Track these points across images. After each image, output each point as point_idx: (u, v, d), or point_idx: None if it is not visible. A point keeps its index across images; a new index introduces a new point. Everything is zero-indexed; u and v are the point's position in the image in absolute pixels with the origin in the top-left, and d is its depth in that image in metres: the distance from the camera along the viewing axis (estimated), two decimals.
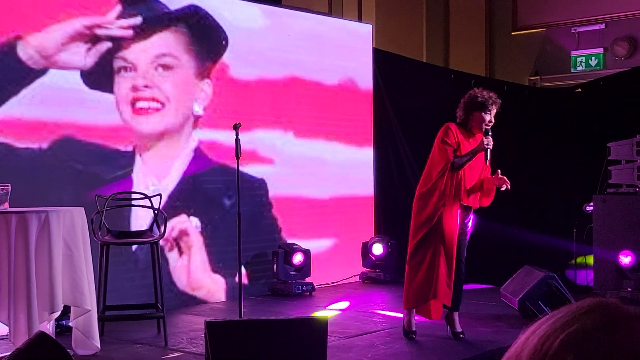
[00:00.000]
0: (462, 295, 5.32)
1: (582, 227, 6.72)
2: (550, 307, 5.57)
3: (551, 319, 0.78)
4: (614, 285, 6.39)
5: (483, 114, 5.15)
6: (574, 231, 6.74)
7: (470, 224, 5.32)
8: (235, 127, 5.33)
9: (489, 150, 5.09)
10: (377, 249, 7.90)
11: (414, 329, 5.28)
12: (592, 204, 6.68)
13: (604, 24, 8.33)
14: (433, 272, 5.11)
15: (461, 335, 5.23)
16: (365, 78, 8.46)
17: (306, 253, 7.23)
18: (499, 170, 5.16)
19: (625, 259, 6.26)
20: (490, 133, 5.12)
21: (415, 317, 5.33)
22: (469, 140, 5.20)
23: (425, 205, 5.16)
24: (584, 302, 0.79)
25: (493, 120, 5.20)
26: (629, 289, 6.29)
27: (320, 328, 3.87)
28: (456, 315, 5.29)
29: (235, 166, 5.36)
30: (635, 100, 7.56)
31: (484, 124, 5.14)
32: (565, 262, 6.74)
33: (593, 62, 8.40)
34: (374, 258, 7.93)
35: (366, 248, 8.00)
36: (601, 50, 8.36)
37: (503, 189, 5.13)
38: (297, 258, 7.13)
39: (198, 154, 6.81)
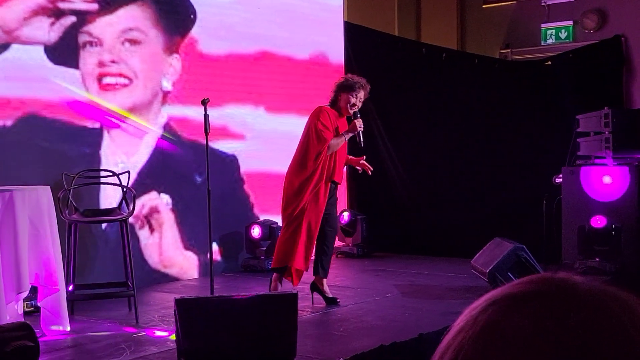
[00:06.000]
0: (330, 263, 5.62)
1: (552, 198, 6.77)
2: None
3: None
4: (582, 256, 6.46)
5: (350, 95, 5.47)
6: (543, 203, 6.78)
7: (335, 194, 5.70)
8: (204, 103, 5.27)
9: (361, 132, 5.43)
10: (344, 216, 7.97)
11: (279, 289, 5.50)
12: (561, 175, 6.73)
13: None
14: (296, 242, 5.43)
15: (338, 300, 5.55)
16: (336, 52, 8.40)
17: (274, 229, 7.20)
18: (364, 157, 5.67)
19: (598, 222, 6.34)
20: (359, 115, 5.48)
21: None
22: (339, 121, 5.55)
23: (301, 190, 5.46)
24: (531, 276, 0.76)
25: (359, 105, 5.52)
26: (597, 259, 6.36)
27: (290, 303, 3.86)
28: (325, 282, 5.59)
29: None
30: (604, 73, 7.61)
31: (349, 105, 5.47)
32: (534, 233, 6.80)
33: (563, 35, 8.41)
34: (341, 225, 7.97)
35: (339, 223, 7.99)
36: (571, 23, 8.37)
37: (368, 172, 5.66)
38: (255, 231, 7.12)
39: (168, 130, 6.74)
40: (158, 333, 4.82)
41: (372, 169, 5.64)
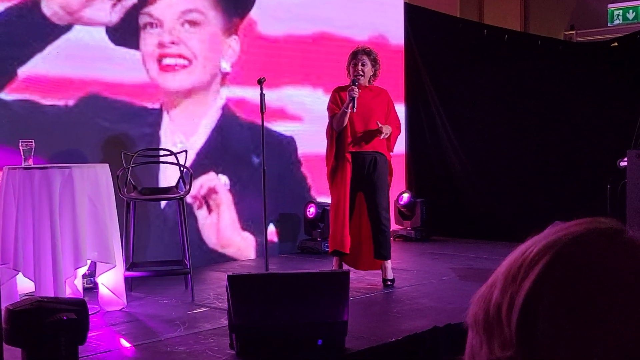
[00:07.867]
0: (389, 243, 5.51)
1: (616, 183, 6.57)
2: None
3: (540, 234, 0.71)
4: None
5: (354, 64, 5.50)
6: (607, 187, 6.59)
7: (380, 168, 5.47)
8: (260, 82, 5.28)
9: (355, 98, 5.30)
10: (404, 197, 7.91)
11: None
12: (626, 159, 6.51)
13: None
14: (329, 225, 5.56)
15: (388, 283, 5.49)
16: (396, 34, 8.31)
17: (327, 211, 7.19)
18: (379, 122, 5.41)
19: None
20: (357, 83, 5.39)
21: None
22: (363, 92, 5.46)
23: (329, 174, 5.49)
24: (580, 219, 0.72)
25: (367, 65, 5.48)
26: None
27: (341, 282, 3.84)
28: (385, 263, 5.51)
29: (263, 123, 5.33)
30: None
31: (354, 74, 5.46)
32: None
33: (630, 15, 8.14)
34: (400, 206, 7.90)
35: (397, 205, 7.93)
36: (639, 2, 8.09)
37: (382, 136, 5.38)
38: (311, 210, 7.14)
39: (226, 111, 6.78)
40: (212, 310, 4.86)
41: (382, 130, 5.37)
